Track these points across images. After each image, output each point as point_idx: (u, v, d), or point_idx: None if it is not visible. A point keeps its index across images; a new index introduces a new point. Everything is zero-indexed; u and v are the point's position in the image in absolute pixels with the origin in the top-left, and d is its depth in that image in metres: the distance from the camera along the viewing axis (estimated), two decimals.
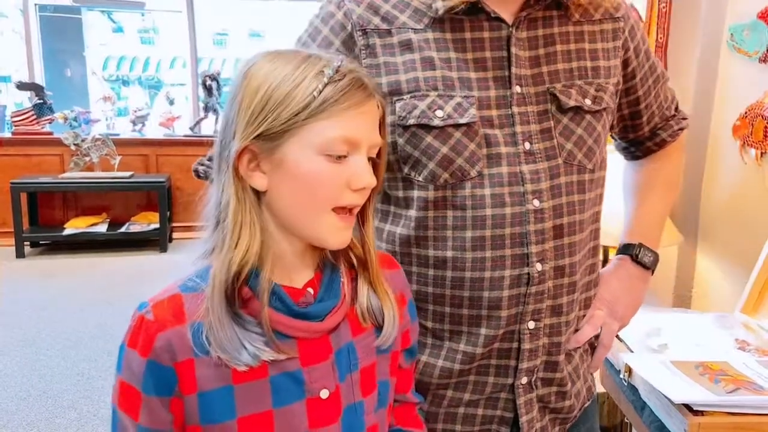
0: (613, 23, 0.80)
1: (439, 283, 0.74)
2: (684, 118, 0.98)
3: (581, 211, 0.76)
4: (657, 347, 1.15)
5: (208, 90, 5.09)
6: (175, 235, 4.92)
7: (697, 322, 1.31)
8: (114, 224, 4.66)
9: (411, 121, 0.71)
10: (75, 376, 2.53)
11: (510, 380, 0.76)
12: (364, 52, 0.74)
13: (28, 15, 5.13)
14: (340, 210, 0.60)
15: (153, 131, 5.22)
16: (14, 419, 2.20)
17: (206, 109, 5.17)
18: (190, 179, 5.13)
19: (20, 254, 4.33)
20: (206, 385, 0.58)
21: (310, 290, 0.63)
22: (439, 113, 0.70)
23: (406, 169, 0.74)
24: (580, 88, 0.76)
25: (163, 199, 4.54)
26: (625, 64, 0.84)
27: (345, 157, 0.59)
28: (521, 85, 0.73)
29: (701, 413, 0.93)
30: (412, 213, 0.74)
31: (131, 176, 4.62)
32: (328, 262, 0.65)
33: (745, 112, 1.46)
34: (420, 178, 0.73)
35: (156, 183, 4.58)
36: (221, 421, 0.59)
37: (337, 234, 0.60)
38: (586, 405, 0.86)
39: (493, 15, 0.71)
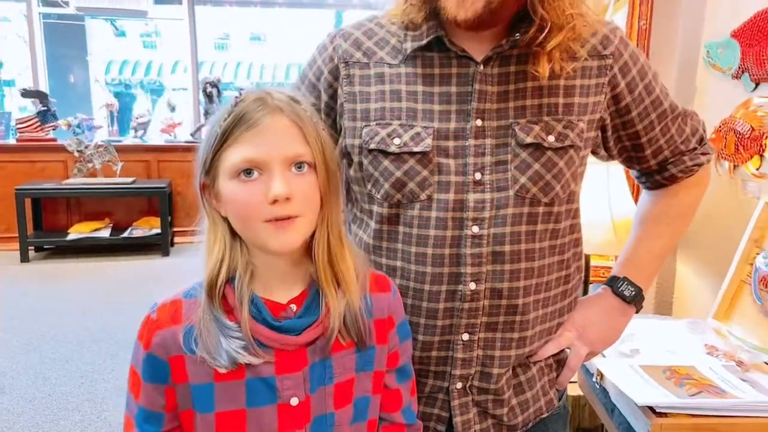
0: (599, 60, 0.81)
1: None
2: (705, 153, 0.93)
3: (530, 241, 0.79)
4: (629, 352, 1.22)
5: (209, 96, 5.16)
6: (176, 239, 4.99)
7: (670, 327, 1.38)
8: (116, 229, 4.73)
9: (372, 146, 0.78)
10: (79, 378, 2.60)
11: (446, 384, 0.82)
12: (345, 80, 0.82)
13: (33, 22, 5.22)
14: (270, 221, 0.65)
15: (155, 133, 5.30)
16: (20, 421, 2.26)
17: (207, 114, 5.24)
18: (191, 184, 5.17)
19: (25, 259, 4.40)
20: (194, 378, 0.66)
21: (293, 306, 0.69)
22: (397, 141, 0.77)
23: (368, 186, 0.81)
24: (546, 124, 0.78)
25: (164, 204, 4.61)
26: (616, 99, 0.84)
27: (254, 174, 0.64)
28: (483, 119, 0.77)
29: (664, 415, 1.00)
30: (372, 224, 0.82)
31: (133, 182, 4.70)
32: (315, 281, 0.71)
33: (719, 126, 1.52)
34: (378, 196, 0.80)
35: (157, 189, 4.65)
36: (203, 412, 0.66)
37: (275, 240, 0.65)
38: (543, 416, 0.88)
39: (460, 53, 0.77)
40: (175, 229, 5.01)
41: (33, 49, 5.23)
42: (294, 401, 0.68)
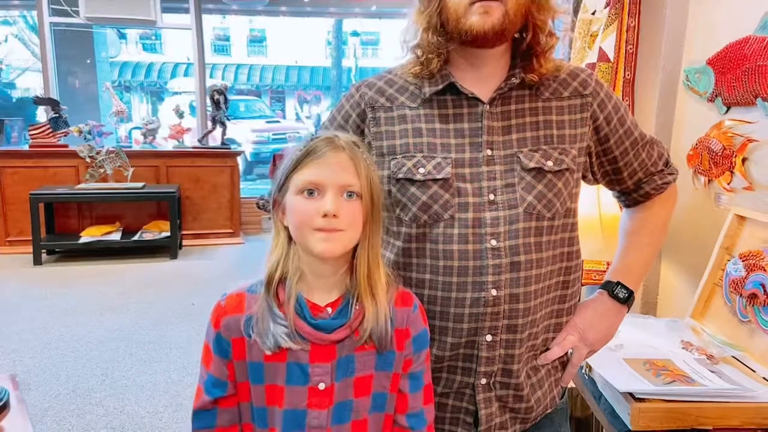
0: (581, 99, 0.97)
1: (418, 299, 0.94)
2: (671, 173, 1.09)
3: (539, 250, 0.93)
4: (614, 347, 1.37)
5: (216, 103, 5.31)
6: (185, 242, 5.15)
7: (652, 326, 1.53)
8: (127, 232, 4.89)
9: (400, 175, 0.94)
10: (100, 376, 2.74)
11: (472, 380, 0.95)
12: (372, 122, 0.98)
13: (44, 32, 5.36)
14: (318, 230, 0.80)
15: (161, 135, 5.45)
16: (47, 416, 2.41)
17: (214, 121, 5.39)
18: (199, 189, 5.37)
19: (38, 261, 4.55)
20: (250, 357, 0.83)
21: (329, 309, 0.85)
22: (421, 170, 0.92)
23: (397, 211, 0.96)
24: (545, 152, 0.93)
25: (173, 208, 4.76)
26: (597, 130, 1.00)
27: (315, 194, 0.81)
28: (492, 149, 0.93)
29: (643, 400, 1.16)
30: (399, 243, 0.97)
31: (143, 187, 4.84)
32: (351, 290, 0.86)
33: (696, 144, 1.68)
34: (406, 218, 0.95)
35: (167, 193, 4.80)
36: (255, 383, 0.84)
37: (319, 245, 0.80)
38: (548, 411, 1.01)
39: (470, 95, 0.93)
40: (184, 233, 5.16)
41: (44, 58, 5.37)
42: (321, 386, 0.83)
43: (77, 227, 4.95)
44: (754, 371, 1.27)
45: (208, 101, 5.38)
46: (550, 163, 0.93)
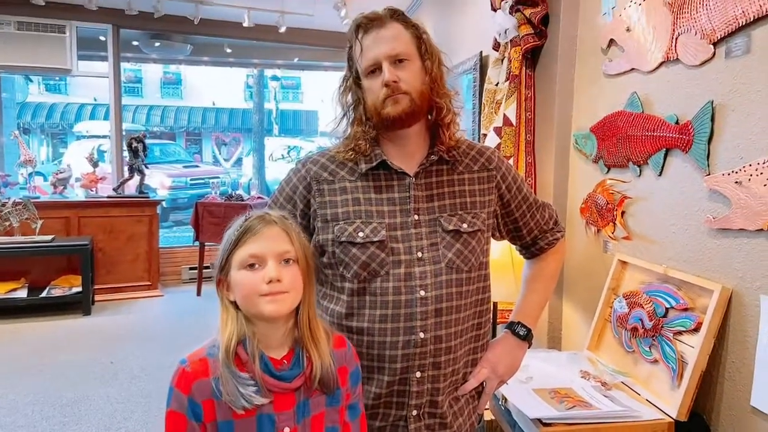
0: (487, 172, 1.18)
1: (358, 344, 1.09)
2: (559, 231, 1.32)
3: (459, 298, 1.11)
4: (525, 379, 1.56)
5: (134, 152, 5.20)
6: (98, 297, 4.91)
7: (556, 358, 1.75)
8: (34, 289, 4.60)
9: (343, 239, 1.10)
10: None
11: (405, 412, 1.09)
12: (317, 193, 1.14)
13: None
14: (265, 295, 0.91)
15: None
16: None
17: (131, 169, 5.25)
18: (114, 240, 5.21)
19: None
20: (220, 417, 0.91)
21: (285, 361, 0.96)
22: (361, 234, 1.09)
23: (340, 269, 1.11)
24: (461, 215, 1.13)
25: (85, 261, 4.55)
26: (501, 197, 1.20)
27: (256, 266, 0.92)
28: (419, 214, 1.12)
29: (550, 425, 1.34)
30: (344, 297, 1.11)
31: (52, 239, 4.61)
32: (298, 343, 0.98)
33: (586, 198, 1.97)
34: (348, 275, 1.10)
35: (78, 246, 4.59)
36: None
37: (267, 307, 0.91)
38: None
39: (399, 170, 1.12)
40: (97, 287, 4.94)
41: None
42: (287, 430, 0.94)
43: None
44: (639, 394, 1.50)
45: (125, 148, 5.26)
46: (465, 226, 1.13)
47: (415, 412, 1.10)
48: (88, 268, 4.60)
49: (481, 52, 3.05)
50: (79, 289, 4.57)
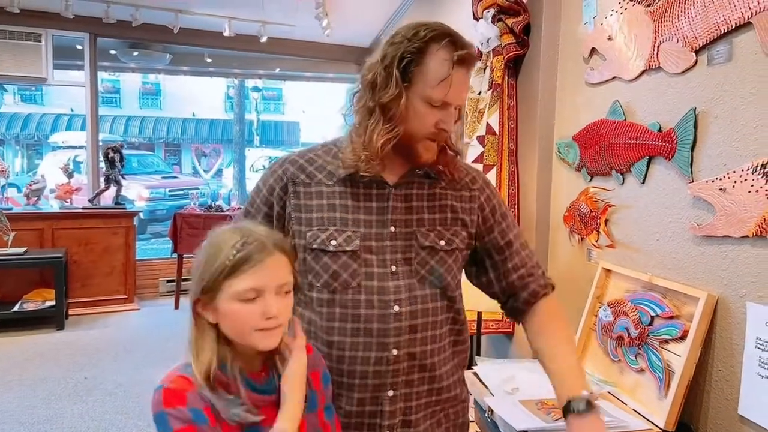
0: (470, 192, 1.13)
1: (328, 358, 1.04)
2: (549, 280, 1.18)
3: (434, 314, 1.06)
4: (511, 390, 1.53)
5: (111, 162, 5.11)
6: (72, 311, 4.77)
7: (542, 368, 1.72)
8: (5, 303, 4.45)
9: (315, 246, 1.05)
10: None
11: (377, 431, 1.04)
12: (292, 195, 1.08)
13: None
14: (260, 330, 0.87)
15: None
16: None
17: (108, 180, 5.15)
18: (89, 252, 5.08)
19: None
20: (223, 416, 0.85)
21: (263, 374, 0.92)
22: (333, 242, 1.04)
23: (309, 277, 1.06)
24: (439, 232, 1.07)
25: (59, 274, 4.43)
26: (484, 220, 1.13)
27: (255, 298, 0.85)
28: (395, 226, 1.07)
29: None
30: (315, 306, 1.06)
31: (25, 252, 4.48)
32: (271, 353, 0.93)
33: (570, 206, 1.96)
34: (318, 284, 1.05)
35: (52, 258, 4.47)
36: None
37: (262, 342, 0.87)
38: None
39: (379, 179, 1.06)
40: (71, 300, 4.80)
41: None
42: None
43: None
44: (625, 404, 1.48)
45: (102, 159, 5.16)
46: (442, 243, 1.08)
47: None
48: (62, 282, 4.48)
49: None
50: (53, 303, 4.45)
